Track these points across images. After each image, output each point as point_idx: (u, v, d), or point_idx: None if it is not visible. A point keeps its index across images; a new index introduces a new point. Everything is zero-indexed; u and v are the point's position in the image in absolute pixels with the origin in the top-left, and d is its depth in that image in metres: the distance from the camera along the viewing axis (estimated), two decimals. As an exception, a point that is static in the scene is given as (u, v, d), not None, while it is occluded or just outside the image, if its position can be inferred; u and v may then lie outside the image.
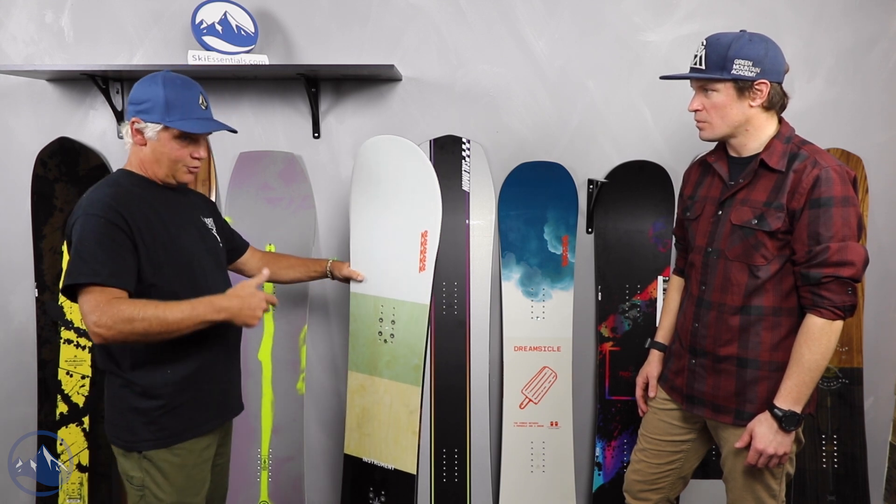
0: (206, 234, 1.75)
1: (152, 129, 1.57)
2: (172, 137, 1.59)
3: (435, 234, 2.09)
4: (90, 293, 1.44)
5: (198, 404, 1.65)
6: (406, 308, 2.13)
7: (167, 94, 1.56)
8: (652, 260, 2.42)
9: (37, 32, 2.44)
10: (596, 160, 2.44)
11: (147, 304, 1.46)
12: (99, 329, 1.42)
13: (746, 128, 1.64)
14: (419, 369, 2.12)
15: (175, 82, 1.59)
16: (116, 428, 1.61)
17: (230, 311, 1.54)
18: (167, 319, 1.46)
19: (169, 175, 1.64)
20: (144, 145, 1.60)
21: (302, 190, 2.45)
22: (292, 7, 2.39)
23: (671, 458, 1.89)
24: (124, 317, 1.42)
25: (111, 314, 1.42)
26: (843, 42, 2.34)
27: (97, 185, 1.59)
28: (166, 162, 1.61)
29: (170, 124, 1.57)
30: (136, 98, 1.58)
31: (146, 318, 1.44)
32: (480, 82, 2.41)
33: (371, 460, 2.21)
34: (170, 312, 1.46)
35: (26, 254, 2.49)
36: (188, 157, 1.63)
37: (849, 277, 1.52)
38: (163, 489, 1.60)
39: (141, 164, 1.63)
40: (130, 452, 1.60)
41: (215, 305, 1.53)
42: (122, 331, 1.43)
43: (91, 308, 1.43)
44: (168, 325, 1.46)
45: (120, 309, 1.43)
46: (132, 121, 1.58)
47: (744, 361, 1.66)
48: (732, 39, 1.58)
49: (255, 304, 1.57)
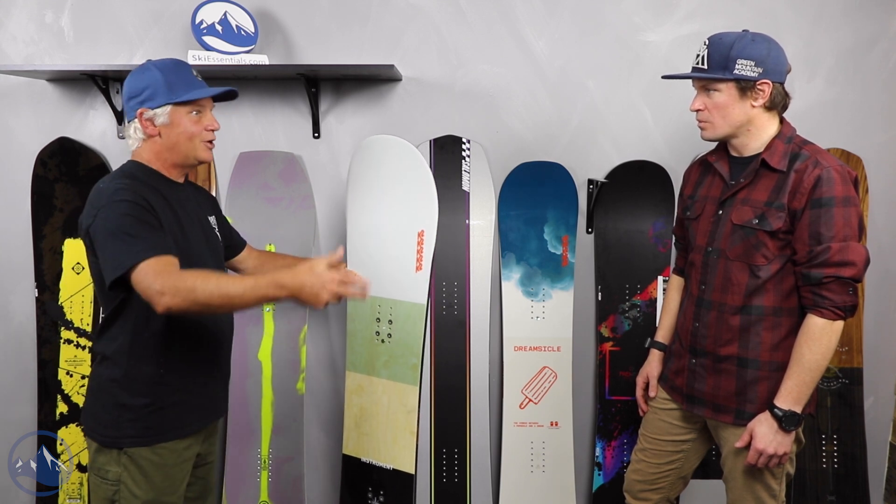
0: (210, 232, 1.75)
1: (162, 113, 1.56)
2: (185, 113, 1.58)
3: (431, 234, 2.09)
4: (147, 266, 1.41)
5: (185, 405, 1.64)
6: (403, 308, 2.13)
7: (165, 75, 1.56)
8: (652, 260, 2.42)
9: (37, 32, 2.44)
10: (596, 160, 2.44)
11: (209, 274, 1.44)
12: (165, 297, 1.38)
13: (748, 128, 1.64)
14: (417, 369, 2.12)
15: (167, 63, 1.59)
16: (98, 422, 1.58)
17: (291, 289, 1.46)
18: (229, 292, 1.42)
19: (189, 156, 1.62)
20: (157, 135, 1.59)
21: (302, 190, 2.45)
22: (292, 7, 2.39)
23: (671, 457, 1.89)
24: (188, 285, 1.39)
25: (174, 281, 1.39)
26: (843, 42, 2.34)
27: (111, 177, 1.57)
28: (184, 142, 1.59)
29: (178, 99, 1.56)
30: (133, 90, 1.57)
31: (207, 287, 1.40)
32: (480, 82, 2.41)
33: (369, 460, 2.21)
34: (232, 286, 1.43)
35: (26, 254, 2.49)
36: (203, 130, 1.61)
37: (850, 277, 1.52)
38: (140, 486, 1.58)
39: (157, 156, 1.61)
40: (110, 448, 1.58)
41: (277, 282, 1.46)
42: (186, 298, 1.39)
43: (153, 278, 1.39)
44: (230, 298, 1.42)
45: (182, 276, 1.41)
46: (139, 112, 1.56)
47: (744, 361, 1.66)
48: (735, 39, 1.58)
49: (318, 285, 1.46)
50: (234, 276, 1.47)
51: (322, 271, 1.48)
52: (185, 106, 1.58)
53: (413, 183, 2.10)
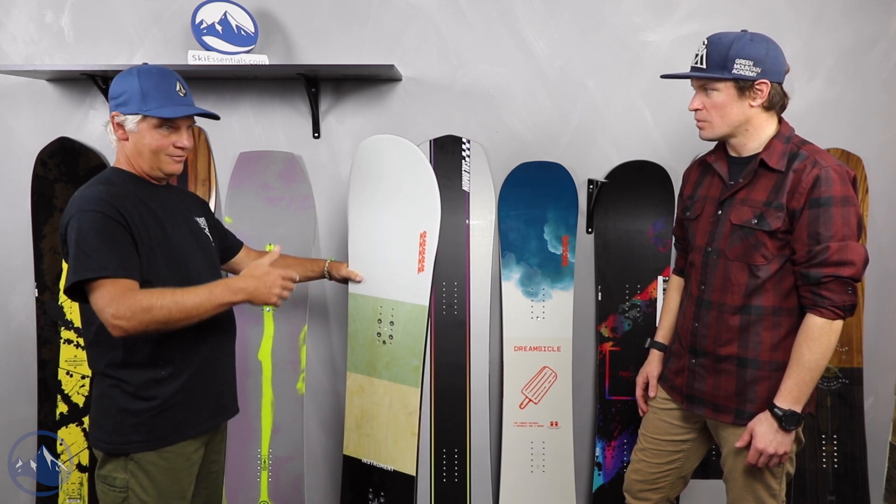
0: (199, 233, 1.74)
1: (132, 121, 1.56)
2: (152, 127, 1.57)
3: (434, 235, 2.09)
4: (102, 287, 1.42)
5: (190, 406, 1.62)
6: (405, 309, 2.13)
7: (142, 83, 1.55)
8: (652, 260, 2.42)
9: (37, 32, 2.44)
10: (596, 160, 2.44)
11: (163, 291, 1.45)
12: (119, 321, 1.40)
13: (746, 128, 1.64)
14: (418, 370, 2.12)
15: (151, 72, 1.58)
16: (103, 430, 1.57)
17: (246, 290, 1.53)
18: (186, 305, 1.44)
19: (154, 167, 1.61)
20: (127, 139, 1.58)
21: (302, 190, 2.45)
22: (292, 7, 2.39)
23: (671, 457, 1.89)
24: (142, 306, 1.41)
25: (129, 305, 1.40)
26: (843, 42, 2.34)
27: (88, 183, 1.57)
28: (148, 153, 1.59)
29: (147, 112, 1.55)
30: (113, 92, 1.57)
31: (164, 305, 1.42)
32: (480, 82, 2.41)
33: (370, 461, 2.21)
34: (188, 297, 1.45)
35: (26, 254, 2.49)
36: (170, 146, 1.60)
37: (849, 277, 1.52)
38: (147, 492, 1.56)
39: (127, 160, 1.62)
40: (116, 456, 1.56)
41: (231, 287, 1.52)
42: (142, 320, 1.41)
43: (107, 301, 1.41)
44: (188, 310, 1.45)
45: (137, 299, 1.41)
46: (112, 115, 1.57)
47: (744, 361, 1.66)
48: (734, 39, 1.58)
49: (270, 282, 1.55)
50: (190, 288, 1.48)
51: (264, 273, 1.56)
52: (155, 120, 1.57)
53: (416, 184, 2.10)
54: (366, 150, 2.17)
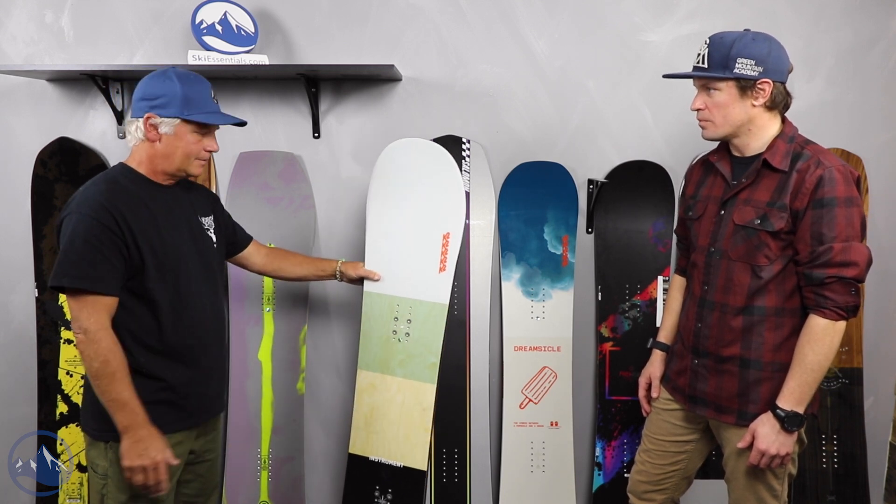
0: (200, 235, 1.75)
1: (169, 124, 1.59)
2: (190, 131, 1.62)
3: (457, 236, 2.14)
4: (77, 298, 1.49)
5: (168, 402, 1.64)
6: (424, 308, 2.17)
7: (185, 89, 1.59)
8: (652, 260, 2.42)
9: (37, 32, 2.44)
10: (596, 160, 2.44)
11: (121, 362, 1.51)
12: (79, 335, 1.50)
13: (749, 127, 1.64)
14: (435, 367, 2.17)
15: (189, 77, 1.62)
16: (88, 414, 1.63)
17: (136, 453, 1.51)
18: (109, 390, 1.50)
19: (181, 168, 1.66)
20: (157, 140, 1.61)
21: (302, 190, 2.45)
22: (292, 7, 2.39)
23: (675, 458, 1.89)
24: (102, 347, 1.49)
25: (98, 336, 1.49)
26: (843, 42, 2.34)
27: (93, 181, 1.60)
28: (180, 156, 1.63)
29: (189, 118, 1.59)
30: (149, 94, 1.59)
31: (107, 372, 1.49)
32: (480, 82, 2.41)
33: (378, 458, 2.22)
34: (116, 388, 1.50)
35: (26, 254, 2.49)
36: (202, 150, 1.66)
37: (852, 278, 1.52)
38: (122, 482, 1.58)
39: (149, 159, 1.64)
40: (98, 441, 1.61)
41: (134, 433, 1.51)
42: (89, 355, 1.49)
43: (76, 313, 1.50)
44: (105, 393, 1.50)
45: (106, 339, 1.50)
46: (147, 116, 1.59)
47: (746, 362, 1.66)
48: (735, 38, 1.58)
49: (139, 466, 1.52)
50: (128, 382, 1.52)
51: (157, 462, 1.53)
52: (194, 125, 1.62)
53: (442, 186, 2.16)
54: (393, 151, 2.20)
